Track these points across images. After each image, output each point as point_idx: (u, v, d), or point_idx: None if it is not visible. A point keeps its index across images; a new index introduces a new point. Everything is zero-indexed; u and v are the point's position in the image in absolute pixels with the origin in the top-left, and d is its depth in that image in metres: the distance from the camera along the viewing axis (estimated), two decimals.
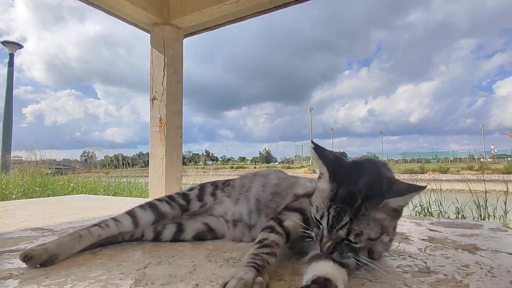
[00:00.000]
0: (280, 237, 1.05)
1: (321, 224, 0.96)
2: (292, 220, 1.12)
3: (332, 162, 1.02)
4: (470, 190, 3.91)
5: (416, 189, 0.90)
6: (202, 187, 1.53)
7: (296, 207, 1.20)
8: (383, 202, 0.90)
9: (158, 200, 1.43)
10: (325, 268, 0.88)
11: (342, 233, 0.92)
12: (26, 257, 1.05)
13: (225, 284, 0.81)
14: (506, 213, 3.48)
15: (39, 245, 1.13)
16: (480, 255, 1.25)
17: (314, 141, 1.06)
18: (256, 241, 1.03)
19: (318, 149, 1.05)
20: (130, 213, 1.34)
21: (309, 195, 1.23)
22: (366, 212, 0.90)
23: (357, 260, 0.94)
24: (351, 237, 0.91)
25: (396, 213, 0.96)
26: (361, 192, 0.92)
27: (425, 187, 0.91)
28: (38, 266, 1.07)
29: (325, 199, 0.97)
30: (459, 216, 3.68)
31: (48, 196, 5.47)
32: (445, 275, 1.02)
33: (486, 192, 3.85)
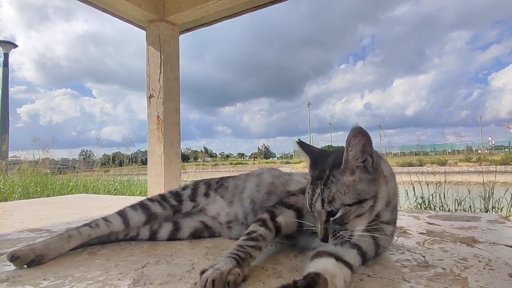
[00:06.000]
0: (269, 232, 1.08)
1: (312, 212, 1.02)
2: (285, 216, 1.14)
3: (315, 153, 1.11)
4: (483, 183, 3.92)
5: (355, 134, 0.93)
6: (195, 186, 1.52)
7: (291, 203, 1.21)
8: (343, 162, 0.95)
9: (150, 200, 1.43)
10: (325, 264, 0.89)
11: (318, 205, 0.97)
12: (13, 257, 1.06)
13: (203, 272, 0.87)
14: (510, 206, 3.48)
15: (27, 245, 1.14)
16: (478, 248, 1.25)
17: (300, 139, 1.17)
18: (246, 232, 1.07)
19: (302, 144, 1.16)
20: (121, 213, 1.34)
21: (303, 191, 1.25)
22: (334, 178, 0.96)
23: (350, 237, 0.96)
24: (326, 206, 0.96)
25: (366, 174, 0.97)
26: (329, 164, 1.00)
27: (359, 128, 0.94)
28: (25, 266, 1.08)
29: (308, 185, 1.04)
30: (460, 208, 3.68)
31: (48, 196, 5.47)
32: (443, 268, 1.02)
33: (494, 183, 3.85)
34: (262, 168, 1.63)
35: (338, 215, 0.95)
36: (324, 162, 1.03)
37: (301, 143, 1.16)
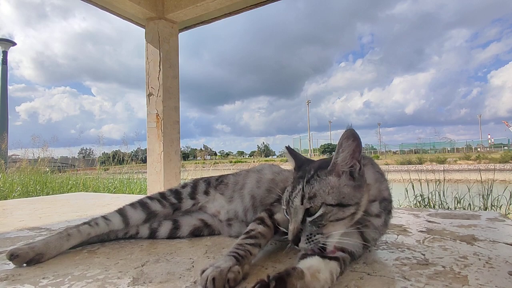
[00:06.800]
0: (268, 229, 1.09)
1: (285, 210, 1.01)
2: (283, 213, 1.13)
3: (302, 159, 1.12)
4: (481, 180, 3.92)
5: (348, 136, 0.93)
6: (195, 184, 1.52)
7: None
8: (332, 163, 0.95)
9: (150, 198, 1.43)
10: (310, 261, 0.89)
11: (297, 201, 0.94)
12: (12, 256, 1.06)
13: (203, 271, 0.87)
14: (510, 204, 3.49)
15: (26, 244, 1.14)
16: (478, 246, 1.25)
17: (288, 146, 1.19)
18: (244, 231, 1.07)
19: (290, 149, 1.17)
20: (120, 212, 1.33)
21: None
22: (318, 177, 0.95)
23: (324, 244, 0.91)
24: (305, 202, 0.92)
25: (351, 181, 0.94)
26: (315, 166, 1.00)
27: (352, 130, 0.93)
28: (25, 264, 1.09)
29: (289, 184, 1.04)
30: (460, 206, 3.69)
31: (47, 194, 5.46)
32: (443, 267, 1.02)
33: (493, 181, 3.86)
34: (263, 164, 1.63)
35: (317, 214, 0.91)
36: (309, 166, 1.03)
37: (289, 149, 1.17)
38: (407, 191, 4.06)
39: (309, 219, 0.92)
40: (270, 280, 0.75)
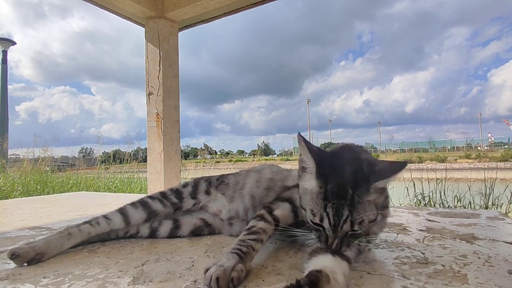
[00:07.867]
0: (269, 225, 1.08)
1: (322, 227, 0.96)
2: (282, 209, 1.15)
3: (318, 155, 1.00)
4: (484, 179, 3.93)
5: (399, 168, 0.93)
6: (196, 184, 1.52)
7: (286, 197, 1.22)
8: (372, 186, 0.93)
9: (151, 197, 1.42)
10: (323, 262, 0.89)
11: (347, 227, 0.93)
12: (13, 255, 1.07)
13: (207, 270, 0.86)
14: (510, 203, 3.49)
15: (27, 243, 1.15)
16: (478, 245, 1.25)
17: (300, 133, 1.03)
18: (245, 228, 1.07)
19: (305, 141, 1.02)
20: (121, 211, 1.33)
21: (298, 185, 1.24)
22: (360, 199, 0.93)
23: (359, 245, 1.00)
24: (356, 227, 0.93)
25: (383, 189, 1.00)
26: (350, 182, 0.94)
27: (406, 163, 0.94)
28: (25, 264, 1.09)
29: (317, 200, 0.96)
30: (460, 205, 3.69)
31: (48, 193, 5.47)
32: (443, 265, 1.02)
33: (494, 180, 3.86)
34: (263, 164, 1.63)
35: (361, 231, 0.95)
36: (339, 175, 0.95)
37: (304, 140, 1.01)
38: (407, 189, 4.07)
39: (351, 232, 0.95)
40: (303, 285, 0.75)
